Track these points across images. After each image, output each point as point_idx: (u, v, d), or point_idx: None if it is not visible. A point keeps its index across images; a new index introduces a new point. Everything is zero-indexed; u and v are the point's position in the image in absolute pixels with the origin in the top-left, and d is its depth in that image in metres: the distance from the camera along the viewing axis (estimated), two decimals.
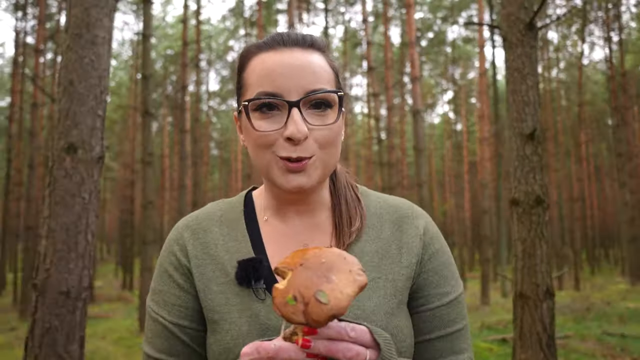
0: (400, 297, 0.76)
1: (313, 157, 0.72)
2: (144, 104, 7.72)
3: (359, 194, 0.85)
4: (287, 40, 0.75)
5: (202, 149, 23.40)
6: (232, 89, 29.47)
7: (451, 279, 0.81)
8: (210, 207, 0.87)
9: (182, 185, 13.85)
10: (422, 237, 0.80)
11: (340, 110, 0.75)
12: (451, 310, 0.79)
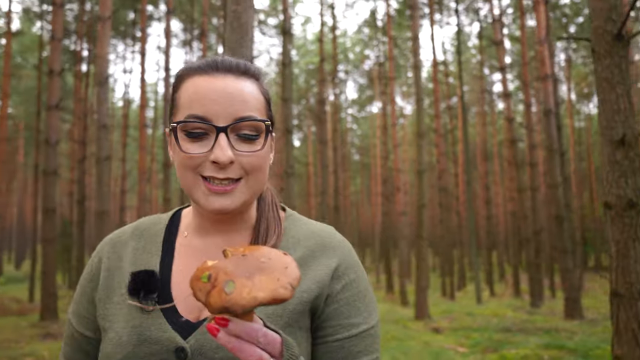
0: (287, 319, 0.74)
1: (241, 181, 0.75)
2: (284, 122, 8.87)
3: (283, 215, 0.87)
4: (221, 66, 0.76)
5: (343, 156, 24.69)
6: (370, 95, 30.45)
7: (364, 310, 0.80)
8: (140, 221, 0.89)
9: (323, 192, 15.01)
10: (332, 268, 0.79)
11: (267, 137, 0.76)
12: (360, 342, 0.77)
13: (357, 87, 33.07)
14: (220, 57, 0.79)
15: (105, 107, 6.98)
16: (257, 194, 0.78)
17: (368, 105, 32.78)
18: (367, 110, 33.86)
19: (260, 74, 0.81)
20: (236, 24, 2.57)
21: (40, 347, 6.96)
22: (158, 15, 21.50)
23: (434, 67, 16.25)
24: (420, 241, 8.93)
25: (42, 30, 18.96)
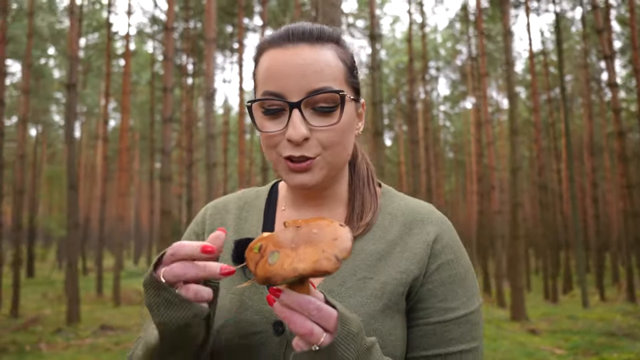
0: (386, 300, 0.72)
1: (318, 157, 0.72)
2: (374, 125, 9.14)
3: (379, 191, 0.84)
4: (293, 36, 0.73)
5: (436, 154, 24.29)
6: (463, 91, 29.58)
7: (462, 295, 0.75)
8: (242, 192, 0.89)
9: (415, 191, 15.03)
10: (430, 245, 0.76)
11: (343, 108, 0.72)
12: (455, 329, 0.73)
13: (449, 83, 32.31)
14: (295, 25, 0.75)
15: (211, 118, 7.78)
16: (339, 167, 0.77)
17: (461, 101, 31.84)
18: (461, 106, 32.88)
19: (339, 37, 0.77)
20: None
21: None
22: (252, 26, 22.81)
23: (531, 59, 15.53)
24: (515, 241, 8.71)
25: (154, 49, 21.03)
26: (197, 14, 19.00)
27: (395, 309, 0.73)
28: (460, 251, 0.78)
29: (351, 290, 0.72)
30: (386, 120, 30.22)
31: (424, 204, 0.82)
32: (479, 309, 0.77)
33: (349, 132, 0.75)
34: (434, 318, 0.73)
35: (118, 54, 21.58)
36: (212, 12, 7.84)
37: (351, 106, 0.75)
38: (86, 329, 7.89)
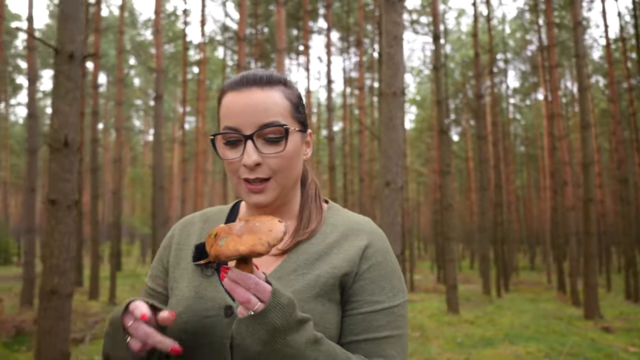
0: (319, 290, 0.84)
1: (271, 180, 0.87)
2: (439, 123, 9.29)
3: (325, 206, 0.98)
4: (247, 81, 0.87)
5: (505, 149, 23.59)
6: (534, 82, 28.41)
7: (389, 291, 0.88)
8: (208, 209, 1.05)
9: (482, 187, 14.85)
10: (362, 249, 0.89)
11: (287, 139, 0.86)
12: (381, 318, 0.86)
13: (518, 75, 31.17)
14: (249, 72, 0.89)
15: None
16: (289, 188, 0.91)
17: (532, 92, 30.57)
18: (532, 98, 31.55)
19: (286, 80, 0.92)
20: (390, 63, 3.27)
21: None
22: (317, 28, 23.37)
23: (607, 46, 14.82)
24: (588, 238, 8.53)
25: (225, 55, 22.15)
26: (265, 20, 19.84)
27: (327, 297, 0.85)
28: (389, 255, 0.92)
29: (292, 281, 0.85)
30: (452, 115, 29.69)
31: (363, 218, 0.97)
32: (404, 303, 0.90)
33: (295, 158, 0.90)
34: (364, 309, 0.86)
35: (191, 61, 22.91)
36: (282, 24, 8.38)
37: (297, 136, 0.90)
38: None
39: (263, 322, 0.71)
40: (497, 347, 5.94)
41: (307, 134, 0.95)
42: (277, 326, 0.71)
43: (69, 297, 3.42)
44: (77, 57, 3.43)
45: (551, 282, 19.49)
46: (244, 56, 11.16)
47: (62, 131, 3.39)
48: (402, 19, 3.36)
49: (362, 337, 0.85)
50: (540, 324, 7.73)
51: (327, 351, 0.77)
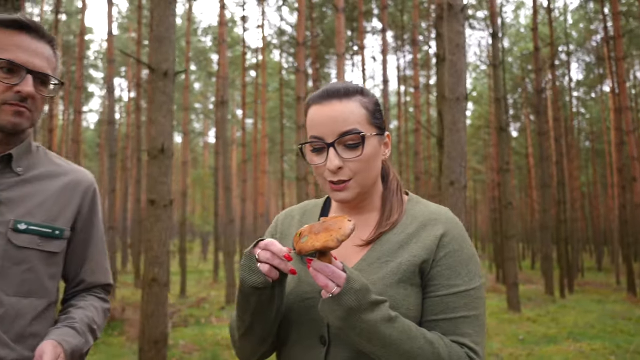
0: (401, 276, 0.95)
1: (351, 181, 0.99)
2: (497, 121, 9.27)
3: (405, 199, 1.08)
4: (327, 95, 1.00)
5: (568, 145, 22.72)
6: (601, 74, 27.06)
7: (465, 275, 0.97)
8: (306, 202, 1.18)
9: (543, 185, 14.49)
10: (439, 238, 0.98)
11: (364, 144, 0.97)
12: (458, 300, 0.95)
13: (583, 67, 29.80)
14: (329, 86, 1.01)
15: None
16: (368, 186, 1.02)
17: (598, 85, 29.12)
18: (598, 90, 30.05)
19: (362, 90, 1.03)
20: (453, 70, 3.50)
21: None
22: (370, 28, 23.51)
23: None
24: None
25: (281, 57, 22.77)
26: (320, 22, 20.25)
27: (409, 282, 0.95)
28: (464, 243, 1.00)
29: (377, 269, 0.97)
30: (511, 110, 28.87)
31: (440, 208, 1.05)
32: (480, 287, 0.99)
33: (373, 160, 1.01)
34: (442, 292, 0.96)
35: (247, 65, 23.69)
36: (341, 29, 8.69)
37: (374, 140, 1.01)
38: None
39: (339, 303, 0.85)
40: (560, 345, 5.96)
41: (384, 136, 1.05)
42: (351, 306, 0.84)
43: (167, 285, 3.90)
44: (170, 74, 3.90)
45: (620, 284, 18.60)
46: (303, 60, 11.57)
47: (159, 140, 3.86)
48: (464, 28, 3.57)
49: (440, 317, 0.95)
50: (607, 323, 7.59)
51: (401, 328, 0.88)
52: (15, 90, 1.07)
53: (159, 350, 3.78)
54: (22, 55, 1.08)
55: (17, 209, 1.11)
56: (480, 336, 0.95)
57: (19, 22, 1.09)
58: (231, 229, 9.95)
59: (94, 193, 1.29)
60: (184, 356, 4.96)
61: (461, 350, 0.92)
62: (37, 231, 1.13)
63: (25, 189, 1.14)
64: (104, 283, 1.32)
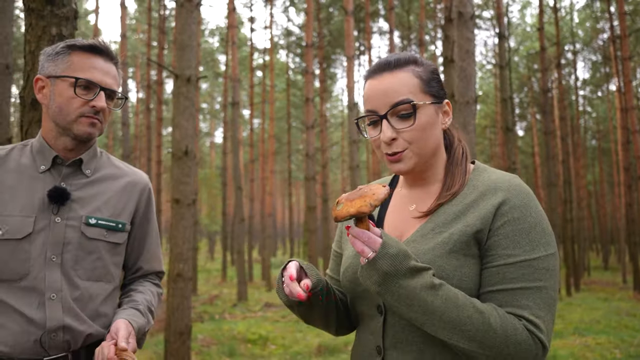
0: (452, 246, 0.93)
1: (406, 151, 0.99)
2: (504, 121, 9.43)
3: (470, 168, 1.05)
4: (378, 69, 1.01)
5: (574, 144, 22.75)
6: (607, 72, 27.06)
7: (525, 244, 0.91)
8: (375, 181, 1.23)
9: (550, 184, 14.61)
10: (496, 206, 0.93)
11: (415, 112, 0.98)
12: (515, 270, 0.90)
13: (589, 65, 29.79)
14: (381, 60, 1.03)
15: (354, 124, 8.81)
16: (427, 155, 1.02)
17: (604, 84, 29.12)
18: (604, 89, 30.03)
19: (416, 60, 1.03)
20: (463, 75, 3.68)
21: None
22: (376, 28, 23.64)
23: None
24: None
25: (287, 57, 22.96)
26: (326, 22, 20.42)
27: (462, 253, 0.93)
28: (528, 211, 0.94)
29: (430, 239, 0.97)
30: (517, 109, 28.91)
31: (505, 175, 1.00)
32: (546, 257, 0.92)
33: (429, 128, 1.00)
34: (498, 262, 0.92)
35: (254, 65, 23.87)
36: (350, 32, 8.87)
37: (429, 109, 1.00)
38: (255, 305, 9.49)
39: (375, 267, 0.86)
40: (566, 339, 6.12)
41: (442, 104, 1.04)
42: (387, 271, 0.86)
43: (191, 280, 4.10)
44: (192, 80, 4.10)
45: (627, 282, 18.67)
46: (311, 62, 11.76)
47: (183, 142, 4.06)
48: (474, 35, 3.74)
49: (497, 287, 0.91)
50: (612, 319, 7.73)
51: (445, 295, 0.86)
52: (90, 105, 1.24)
53: (184, 341, 3.99)
54: (97, 74, 1.25)
55: (87, 206, 1.28)
56: (543, 309, 0.89)
57: (95, 47, 1.27)
58: (241, 228, 10.15)
59: (149, 192, 1.45)
60: (203, 349, 5.17)
61: (518, 322, 0.88)
62: (104, 225, 1.29)
63: (92, 188, 1.31)
64: (157, 270, 1.49)
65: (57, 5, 1.97)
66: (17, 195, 1.22)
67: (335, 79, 27.07)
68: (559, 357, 4.98)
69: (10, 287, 1.18)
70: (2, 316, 1.17)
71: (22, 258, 1.18)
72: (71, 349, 1.23)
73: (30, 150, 1.29)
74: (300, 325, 7.54)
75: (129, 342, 1.15)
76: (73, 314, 1.22)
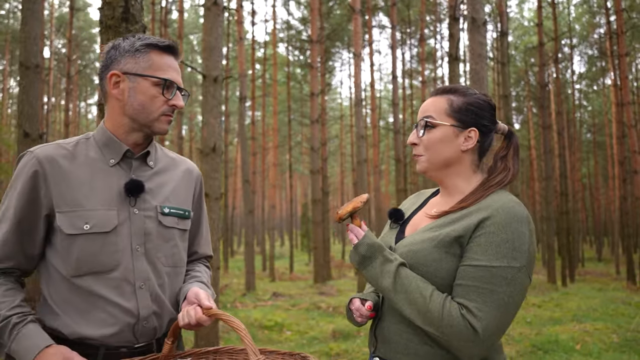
0: (436, 243, 1.16)
1: (422, 156, 1.27)
2: (505, 117, 9.68)
3: (488, 193, 1.21)
4: (433, 91, 1.31)
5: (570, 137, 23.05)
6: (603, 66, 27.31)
7: (491, 254, 1.09)
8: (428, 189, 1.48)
9: (547, 177, 14.93)
10: (480, 220, 1.13)
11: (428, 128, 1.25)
12: (475, 272, 1.10)
13: (585, 60, 30.07)
14: (438, 87, 1.32)
15: (360, 119, 9.07)
16: (437, 164, 1.26)
17: (600, 78, 29.42)
18: (599, 83, 30.33)
19: (456, 90, 1.28)
20: (476, 77, 3.94)
21: (318, 299, 9.50)
22: (375, 22, 23.77)
23: None
24: None
25: (287, 52, 23.07)
26: (327, 17, 20.55)
27: (444, 250, 1.15)
28: (504, 229, 1.11)
29: (425, 234, 1.22)
30: (514, 103, 29.18)
31: (506, 200, 1.16)
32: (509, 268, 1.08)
33: (439, 144, 1.24)
34: (465, 263, 1.13)
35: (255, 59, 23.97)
36: (358, 30, 9.08)
37: (447, 129, 1.24)
38: (264, 295, 9.77)
39: (357, 251, 1.22)
40: (565, 325, 6.44)
41: (465, 130, 1.24)
42: (364, 254, 1.20)
43: (218, 269, 4.36)
44: (219, 80, 4.33)
45: (620, 274, 19.08)
46: (316, 57, 11.98)
47: (211, 139, 4.30)
48: (486, 40, 3.99)
49: (459, 282, 1.12)
50: (608, 307, 8.08)
51: (401, 282, 1.14)
52: (170, 104, 1.27)
53: (212, 326, 4.26)
54: (173, 74, 1.28)
55: (157, 196, 1.30)
56: (488, 306, 1.06)
57: (171, 47, 1.29)
58: (250, 220, 10.40)
59: (201, 179, 1.49)
60: (223, 335, 5.43)
61: (457, 310, 1.08)
62: (175, 213, 1.32)
63: (158, 179, 1.33)
64: (209, 254, 1.54)
65: (130, 22, 2.22)
66: (95, 189, 1.22)
67: (334, 72, 27.22)
68: (561, 341, 5.30)
69: (102, 279, 1.19)
70: (97, 307, 1.18)
71: (112, 250, 1.20)
72: (157, 336, 1.28)
73: (95, 144, 1.28)
74: (312, 313, 7.83)
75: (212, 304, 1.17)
76: (159, 301, 1.26)
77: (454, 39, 7.94)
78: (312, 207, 11.83)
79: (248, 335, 1.00)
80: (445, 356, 1.15)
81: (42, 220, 1.20)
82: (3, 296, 1.16)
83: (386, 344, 1.23)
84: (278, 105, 27.69)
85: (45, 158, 1.20)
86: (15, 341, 1.11)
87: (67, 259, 1.18)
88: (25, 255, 1.21)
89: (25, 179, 1.19)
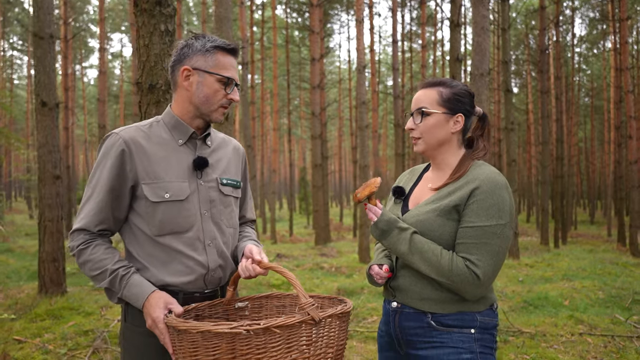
0: (439, 212, 1.44)
1: (420, 139, 1.54)
2: (504, 83, 9.83)
3: (471, 164, 1.52)
4: (421, 85, 1.57)
5: (568, 102, 23.12)
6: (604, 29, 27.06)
7: (482, 216, 1.38)
8: (418, 165, 1.75)
9: (544, 142, 15.14)
10: (471, 190, 1.41)
11: (423, 116, 1.52)
12: (472, 231, 1.39)
13: (586, 22, 29.73)
14: (427, 79, 1.57)
15: (364, 88, 9.19)
16: (432, 145, 1.54)
17: (600, 41, 29.16)
18: (600, 45, 30.07)
19: (445, 83, 1.54)
20: (478, 49, 4.11)
21: (320, 260, 9.88)
22: None
23: None
24: None
25: (286, 15, 22.73)
26: None
27: (445, 217, 1.44)
28: (490, 195, 1.41)
29: (429, 205, 1.49)
30: (513, 66, 29.03)
31: (486, 171, 1.47)
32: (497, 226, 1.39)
33: (433, 128, 1.52)
34: (463, 225, 1.41)
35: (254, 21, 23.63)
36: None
37: (439, 116, 1.52)
38: (268, 256, 10.10)
39: (377, 226, 1.49)
40: (555, 283, 6.83)
41: (453, 115, 1.53)
42: (383, 228, 1.48)
43: None
44: None
45: (611, 236, 19.62)
46: (317, 22, 11.94)
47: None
48: (489, 12, 4.14)
49: (460, 241, 1.41)
50: (597, 267, 8.48)
51: (415, 245, 1.43)
52: (228, 98, 1.49)
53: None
54: (234, 73, 1.50)
55: (217, 170, 1.54)
56: (485, 256, 1.36)
57: (233, 50, 1.51)
58: (253, 185, 10.65)
59: (245, 155, 1.75)
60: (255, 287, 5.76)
61: (462, 262, 1.38)
62: (231, 183, 1.57)
63: (216, 155, 1.57)
64: (253, 218, 1.82)
65: (163, 6, 2.39)
66: (170, 164, 1.45)
67: (332, 34, 26.91)
68: (550, 297, 5.68)
69: (180, 237, 1.43)
70: (177, 260, 1.43)
71: (186, 215, 1.44)
72: (221, 284, 1.53)
73: (165, 126, 1.51)
74: (316, 272, 8.20)
75: (263, 258, 1.41)
76: (224, 256, 1.51)
77: (455, 5, 8.00)
78: (312, 171, 12.06)
79: (298, 282, 1.23)
80: (452, 298, 1.44)
81: (128, 190, 1.44)
82: (105, 253, 1.41)
83: (403, 292, 1.51)
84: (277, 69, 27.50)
85: (130, 139, 1.44)
86: (126, 288, 1.37)
87: (152, 221, 1.43)
88: (115, 219, 1.45)
89: (114, 156, 1.42)
